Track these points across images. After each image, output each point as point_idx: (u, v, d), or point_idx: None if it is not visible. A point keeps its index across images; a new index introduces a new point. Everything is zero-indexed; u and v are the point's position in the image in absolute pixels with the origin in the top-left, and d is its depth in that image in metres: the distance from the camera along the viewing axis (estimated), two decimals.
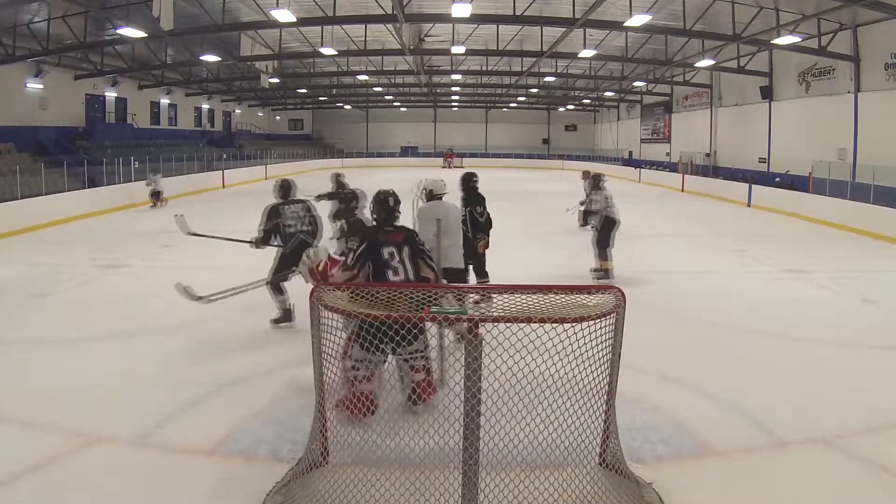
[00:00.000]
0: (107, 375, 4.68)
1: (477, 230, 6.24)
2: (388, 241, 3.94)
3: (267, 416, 3.99)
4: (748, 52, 19.76)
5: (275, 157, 32.43)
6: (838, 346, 5.52)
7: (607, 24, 16.47)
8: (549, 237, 11.73)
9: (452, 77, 28.55)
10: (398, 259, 3.91)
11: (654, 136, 33.17)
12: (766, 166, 21.45)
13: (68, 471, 3.32)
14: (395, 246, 3.93)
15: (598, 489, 2.95)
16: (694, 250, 10.67)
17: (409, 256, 3.96)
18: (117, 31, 16.08)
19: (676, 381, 4.60)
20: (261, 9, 16.11)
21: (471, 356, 2.65)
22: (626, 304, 2.94)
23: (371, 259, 3.88)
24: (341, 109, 43.79)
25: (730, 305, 6.89)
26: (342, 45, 21.11)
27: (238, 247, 6.12)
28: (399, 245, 3.95)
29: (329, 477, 3.04)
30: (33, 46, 17.02)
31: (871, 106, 16.22)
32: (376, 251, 3.90)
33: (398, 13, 14.68)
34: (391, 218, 4.11)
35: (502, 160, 40.63)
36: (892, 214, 11.91)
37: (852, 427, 3.83)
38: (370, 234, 4.03)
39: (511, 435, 2.92)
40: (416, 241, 4.06)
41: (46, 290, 7.38)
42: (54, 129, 20.22)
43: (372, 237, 3.98)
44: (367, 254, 3.89)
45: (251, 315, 6.30)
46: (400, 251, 3.93)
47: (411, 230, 4.18)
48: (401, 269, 3.90)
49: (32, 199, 13.16)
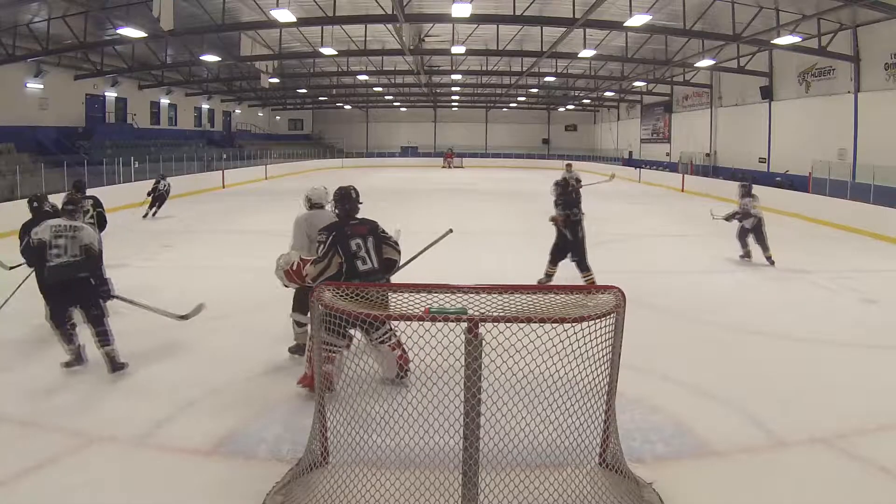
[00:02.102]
0: (107, 375, 4.67)
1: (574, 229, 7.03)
2: (354, 234, 4.18)
3: (267, 416, 3.99)
4: (748, 52, 19.76)
5: (275, 157, 32.42)
6: (838, 346, 5.52)
7: (607, 24, 16.46)
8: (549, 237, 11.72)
9: (452, 77, 28.56)
10: (364, 249, 4.17)
11: (654, 136, 33.17)
12: (766, 166, 21.45)
13: (68, 471, 3.32)
14: (360, 237, 4.19)
15: (598, 489, 2.95)
16: (694, 250, 10.67)
17: (374, 246, 4.23)
18: (117, 31, 16.08)
19: (676, 381, 4.60)
20: (261, 9, 16.11)
21: (471, 356, 2.65)
22: (626, 304, 2.94)
23: (340, 250, 4.09)
24: (341, 109, 43.79)
25: (730, 305, 6.88)
26: (342, 45, 21.12)
27: (240, 246, 6.10)
28: (364, 236, 4.21)
29: (329, 477, 3.04)
30: (33, 46, 17.03)
31: (871, 106, 16.22)
32: (344, 242, 4.11)
33: (398, 13, 14.68)
34: (354, 210, 4.35)
35: (502, 160, 40.67)
36: (892, 214, 11.91)
37: (852, 427, 3.83)
38: (336, 226, 4.22)
39: (511, 435, 2.92)
40: (378, 231, 4.32)
41: None
42: (54, 129, 20.22)
43: (338, 228, 4.19)
44: (335, 244, 4.09)
45: (251, 315, 6.31)
46: (365, 242, 4.20)
47: (374, 221, 4.39)
48: (367, 258, 4.17)
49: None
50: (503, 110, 43.94)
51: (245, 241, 10.82)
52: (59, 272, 4.67)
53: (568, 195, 7.35)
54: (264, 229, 11.61)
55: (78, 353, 4.73)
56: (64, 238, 4.70)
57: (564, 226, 7.12)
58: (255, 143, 35.80)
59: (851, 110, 16.92)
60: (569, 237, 7.11)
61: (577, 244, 7.12)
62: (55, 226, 4.75)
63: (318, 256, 4.10)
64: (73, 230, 4.76)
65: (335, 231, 4.16)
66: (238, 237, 11.72)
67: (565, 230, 7.13)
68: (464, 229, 12.20)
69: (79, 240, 4.74)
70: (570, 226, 7.07)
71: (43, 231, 4.72)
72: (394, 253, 4.38)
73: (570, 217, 7.08)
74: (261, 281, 7.89)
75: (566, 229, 7.11)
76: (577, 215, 7.13)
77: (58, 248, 4.67)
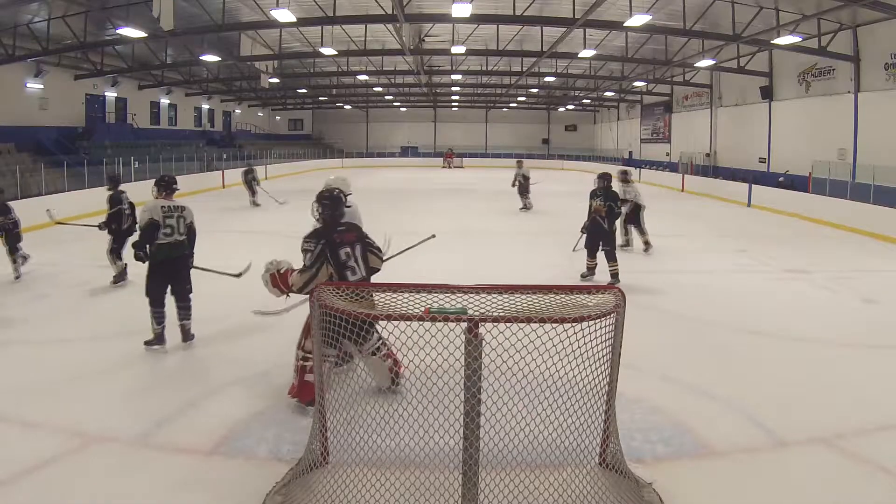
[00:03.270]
0: (107, 375, 4.68)
1: (612, 220, 7.55)
2: (343, 242, 4.00)
3: (267, 416, 3.99)
4: (748, 52, 19.76)
5: (275, 157, 32.43)
6: (838, 346, 5.52)
7: (607, 24, 16.47)
8: (549, 237, 11.73)
9: (452, 77, 28.57)
10: (353, 259, 4.01)
11: (654, 136, 33.17)
12: (766, 166, 21.46)
13: (68, 471, 3.32)
14: (349, 245, 4.02)
15: (598, 489, 2.95)
16: (694, 250, 10.67)
17: (362, 255, 4.07)
18: (117, 31, 16.09)
19: (676, 381, 4.60)
20: (261, 9, 16.11)
21: (471, 356, 2.65)
22: (626, 304, 2.94)
23: (331, 260, 3.92)
24: (341, 109, 43.80)
25: (730, 305, 6.88)
26: (342, 45, 21.11)
27: (240, 246, 6.11)
28: (353, 244, 4.04)
29: (329, 477, 3.04)
30: (33, 46, 17.02)
31: (871, 106, 16.22)
32: (334, 251, 3.93)
33: (398, 13, 14.68)
34: (341, 214, 4.16)
35: (502, 160, 40.64)
36: (892, 214, 11.91)
37: (852, 427, 3.83)
38: (325, 235, 4.00)
39: (511, 435, 2.92)
40: (365, 238, 4.16)
41: (46, 290, 7.38)
42: (54, 129, 20.22)
43: (328, 237, 3.98)
44: (325, 253, 3.91)
45: (251, 315, 6.30)
46: (354, 250, 4.03)
47: (359, 227, 4.29)
48: (357, 268, 4.01)
49: (32, 199, 13.15)
50: (503, 110, 43.96)
51: (245, 242, 10.81)
52: (170, 250, 5.13)
53: (609, 188, 7.67)
54: (264, 229, 11.61)
55: (162, 333, 5.16)
56: (173, 218, 5.16)
57: (604, 216, 7.59)
58: (255, 143, 35.82)
59: (851, 110, 16.92)
60: (605, 227, 7.62)
61: (610, 235, 7.66)
62: (163, 206, 5.14)
63: (306, 265, 3.90)
64: (180, 210, 5.25)
65: (324, 239, 3.94)
66: (238, 237, 11.72)
67: (603, 220, 7.60)
68: (464, 229, 12.23)
69: (185, 218, 5.25)
70: (609, 216, 7.57)
71: (153, 211, 5.08)
72: (378, 262, 4.22)
73: (614, 209, 7.59)
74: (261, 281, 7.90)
75: (605, 219, 7.59)
76: (618, 208, 7.69)
77: (169, 227, 5.11)
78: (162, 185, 5.32)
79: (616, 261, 7.69)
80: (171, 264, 5.16)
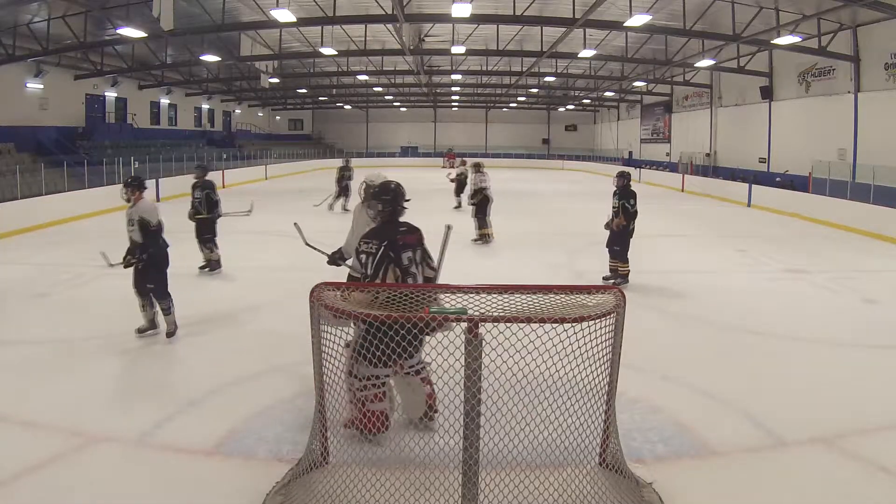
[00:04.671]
0: (107, 375, 4.68)
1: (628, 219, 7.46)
2: (406, 245, 3.44)
3: (267, 416, 3.99)
4: (748, 52, 19.77)
5: (275, 157, 32.42)
6: (838, 346, 5.52)
7: (607, 24, 16.47)
8: (549, 237, 11.73)
9: (452, 77, 28.56)
10: (415, 265, 3.48)
11: (654, 136, 33.17)
12: (766, 166, 21.46)
13: (68, 471, 3.32)
14: (411, 249, 3.47)
15: (598, 489, 2.95)
16: (694, 250, 10.67)
17: (421, 260, 3.56)
18: (117, 31, 16.08)
19: (676, 381, 4.60)
20: (261, 9, 16.11)
21: (471, 356, 2.65)
22: (626, 304, 2.94)
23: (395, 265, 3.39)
24: (341, 109, 43.79)
25: (730, 305, 6.88)
26: (342, 45, 21.11)
27: (241, 246, 6.12)
28: (415, 248, 3.51)
29: (329, 477, 3.04)
30: (33, 46, 17.02)
31: (871, 106, 16.23)
32: (397, 255, 3.37)
33: (398, 13, 14.68)
34: (402, 212, 3.60)
35: (502, 160, 40.63)
36: (892, 214, 11.91)
37: (852, 427, 3.83)
38: (388, 235, 3.43)
39: (511, 435, 2.91)
40: (424, 243, 3.65)
41: (47, 290, 7.38)
42: (54, 129, 20.23)
43: (390, 238, 3.41)
44: (388, 256, 3.36)
45: (251, 315, 6.30)
46: (415, 255, 3.50)
47: (419, 228, 3.67)
48: (418, 275, 3.50)
49: (32, 199, 13.15)
50: (503, 110, 43.94)
51: (245, 242, 10.80)
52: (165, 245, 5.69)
53: (627, 187, 7.62)
54: (264, 230, 11.59)
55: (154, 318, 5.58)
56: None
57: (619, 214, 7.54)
58: (255, 143, 35.82)
59: (851, 110, 16.92)
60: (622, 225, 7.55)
61: (626, 235, 7.59)
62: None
63: (367, 274, 3.35)
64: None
65: (386, 241, 3.38)
66: (238, 237, 11.70)
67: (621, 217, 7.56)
68: (464, 229, 12.22)
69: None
70: (625, 215, 7.50)
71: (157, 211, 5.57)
72: (431, 272, 3.65)
73: (628, 207, 7.48)
74: (261, 281, 7.91)
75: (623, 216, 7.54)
76: (634, 206, 7.54)
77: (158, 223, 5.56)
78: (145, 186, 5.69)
79: (627, 261, 7.66)
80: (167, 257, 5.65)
